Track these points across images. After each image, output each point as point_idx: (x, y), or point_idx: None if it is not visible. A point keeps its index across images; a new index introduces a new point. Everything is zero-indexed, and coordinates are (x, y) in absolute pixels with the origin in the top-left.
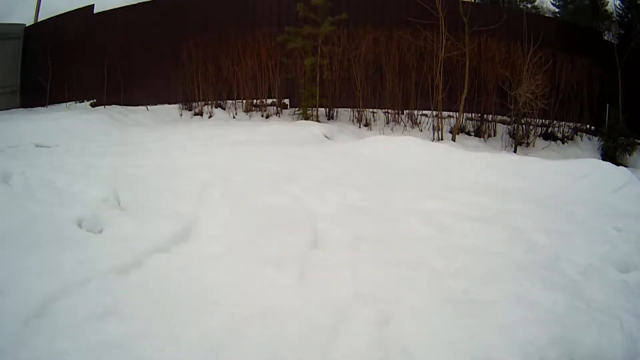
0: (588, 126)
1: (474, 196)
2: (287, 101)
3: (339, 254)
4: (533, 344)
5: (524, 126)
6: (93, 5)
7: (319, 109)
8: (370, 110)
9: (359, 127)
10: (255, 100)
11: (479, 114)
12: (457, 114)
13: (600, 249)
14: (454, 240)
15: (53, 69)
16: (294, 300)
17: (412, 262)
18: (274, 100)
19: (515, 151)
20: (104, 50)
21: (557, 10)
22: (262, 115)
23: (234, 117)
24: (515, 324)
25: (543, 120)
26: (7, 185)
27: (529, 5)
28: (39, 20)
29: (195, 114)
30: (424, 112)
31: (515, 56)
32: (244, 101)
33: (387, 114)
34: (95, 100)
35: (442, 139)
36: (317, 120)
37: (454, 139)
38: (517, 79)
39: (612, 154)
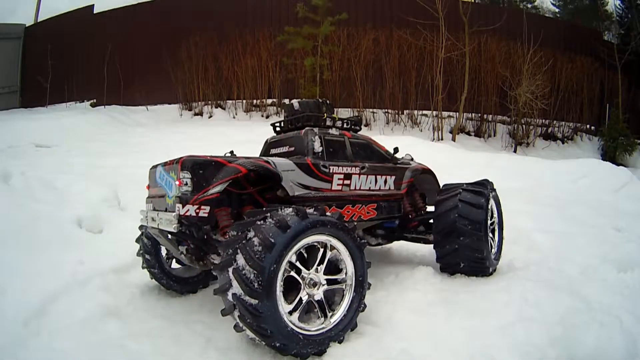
0: (588, 126)
1: None
2: (287, 101)
3: None
4: (531, 344)
5: (524, 126)
6: (93, 5)
7: None
8: (370, 110)
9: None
10: (255, 100)
11: (479, 114)
12: (457, 114)
13: (600, 249)
14: None
15: (53, 69)
16: None
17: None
18: (274, 100)
19: (515, 151)
20: (104, 50)
21: (557, 10)
22: (262, 115)
23: (234, 117)
24: (514, 324)
25: (543, 120)
26: (7, 185)
27: (529, 5)
28: (39, 20)
29: (195, 114)
30: (424, 112)
31: (515, 56)
32: (244, 101)
33: (387, 114)
34: (95, 100)
35: (442, 139)
36: None
37: (454, 139)
38: (517, 79)
39: (612, 154)
